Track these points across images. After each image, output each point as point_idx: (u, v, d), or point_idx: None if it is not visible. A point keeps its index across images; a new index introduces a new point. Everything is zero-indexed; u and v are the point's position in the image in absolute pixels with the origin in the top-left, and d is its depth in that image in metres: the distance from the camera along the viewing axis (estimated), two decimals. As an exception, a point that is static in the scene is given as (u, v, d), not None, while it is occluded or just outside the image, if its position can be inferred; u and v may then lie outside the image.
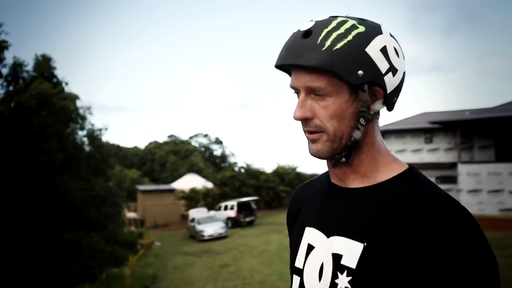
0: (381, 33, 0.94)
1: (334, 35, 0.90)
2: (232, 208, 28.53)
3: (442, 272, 0.81)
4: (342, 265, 0.92)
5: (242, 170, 40.18)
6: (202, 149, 74.73)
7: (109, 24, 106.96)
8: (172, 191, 41.09)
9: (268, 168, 53.98)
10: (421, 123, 24.13)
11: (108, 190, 20.11)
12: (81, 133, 19.91)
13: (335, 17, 0.94)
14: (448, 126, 21.47)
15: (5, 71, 16.08)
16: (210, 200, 36.89)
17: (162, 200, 38.50)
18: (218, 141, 75.75)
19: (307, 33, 0.92)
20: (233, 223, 27.73)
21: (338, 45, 0.89)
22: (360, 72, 0.89)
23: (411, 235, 0.85)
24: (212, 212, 29.29)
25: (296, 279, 1.05)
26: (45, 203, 15.92)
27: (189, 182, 43.56)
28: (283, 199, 39.32)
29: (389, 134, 24.51)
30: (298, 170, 42.00)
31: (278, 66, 0.99)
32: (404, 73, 0.97)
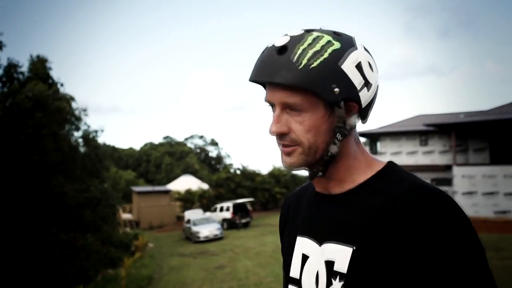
0: (355, 48, 0.95)
1: (310, 52, 0.90)
2: (227, 209, 28.51)
3: (431, 262, 0.82)
4: (334, 271, 0.93)
5: (238, 172, 40.14)
6: (198, 150, 74.61)
7: (105, 25, 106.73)
8: (167, 192, 40.98)
9: (264, 169, 54.00)
10: (416, 125, 24.23)
11: (103, 192, 20.05)
12: (77, 134, 19.86)
13: (310, 32, 0.94)
14: (443, 128, 21.56)
15: None
16: (205, 202, 36.82)
17: (157, 201, 38.37)
18: (214, 143, 75.68)
19: (282, 49, 0.92)
20: (228, 225, 27.70)
21: (315, 63, 0.89)
22: (336, 89, 0.90)
23: (397, 232, 0.85)
24: (208, 214, 29.24)
25: None
26: (40, 204, 15.86)
27: (185, 183, 43.45)
28: (278, 200, 39.28)
29: (385, 136, 24.60)
30: (294, 172, 41.89)
31: (251, 80, 0.98)
32: (377, 86, 0.98)
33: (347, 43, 0.94)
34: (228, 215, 28.16)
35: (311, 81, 0.88)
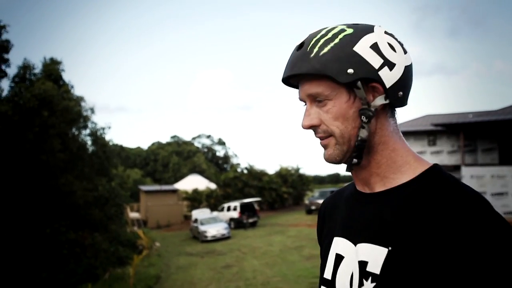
0: (371, 32, 0.95)
1: (322, 41, 0.93)
2: (235, 209, 28.52)
3: (468, 274, 0.79)
4: (367, 271, 0.91)
5: (245, 171, 40.13)
6: (205, 150, 74.79)
7: (111, 24, 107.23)
8: (175, 191, 41.08)
9: (271, 169, 54.01)
10: (424, 125, 24.11)
11: (111, 191, 20.15)
12: (84, 132, 19.97)
13: (327, 27, 0.97)
14: (452, 128, 21.43)
15: (10, 71, 16.21)
16: (213, 201, 36.87)
17: (165, 200, 38.49)
18: (221, 142, 75.82)
19: (300, 46, 0.96)
20: (236, 224, 27.72)
21: (325, 49, 0.92)
22: (350, 70, 0.90)
23: (436, 237, 0.83)
24: (215, 213, 29.27)
25: None
26: (48, 203, 15.97)
27: (192, 182, 43.55)
28: (286, 200, 39.25)
29: (393, 136, 24.44)
30: (301, 171, 41.93)
31: (285, 82, 1.04)
32: (406, 67, 0.96)
33: (362, 29, 0.95)
34: (235, 214, 28.17)
35: (324, 67, 0.91)
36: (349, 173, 1.03)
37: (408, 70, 0.96)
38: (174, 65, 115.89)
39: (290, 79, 1.01)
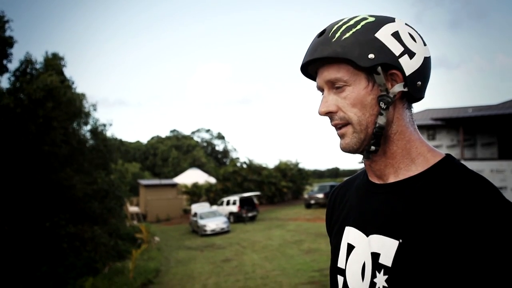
0: (393, 21, 0.96)
1: (344, 27, 0.95)
2: (234, 203, 28.57)
3: (481, 267, 0.78)
4: (379, 263, 0.91)
5: (244, 166, 40.15)
6: (204, 144, 74.81)
7: (112, 19, 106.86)
8: (174, 185, 41.13)
9: (270, 163, 53.93)
10: (424, 119, 24.09)
11: (110, 184, 20.16)
12: (85, 127, 19.97)
13: (348, 16, 0.99)
14: (451, 123, 21.42)
15: (11, 66, 16.14)
16: (212, 195, 36.93)
17: (164, 194, 38.55)
18: (220, 136, 75.81)
19: (322, 33, 0.97)
20: (235, 218, 27.79)
21: (347, 34, 0.93)
22: (371, 55, 0.91)
23: (448, 229, 0.83)
24: (215, 207, 29.35)
25: (340, 279, 1.04)
26: (48, 197, 15.97)
27: (192, 177, 43.59)
28: (285, 194, 39.31)
29: (392, 130, 24.42)
30: (300, 166, 41.96)
31: (303, 72, 1.05)
32: (426, 58, 0.96)
33: (384, 18, 0.97)
34: (234, 208, 28.23)
35: (345, 51, 0.92)
36: (348, 168, 1.03)
37: (427, 61, 0.97)
38: (173, 59, 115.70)
39: (309, 67, 1.01)
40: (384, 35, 0.93)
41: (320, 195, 29.44)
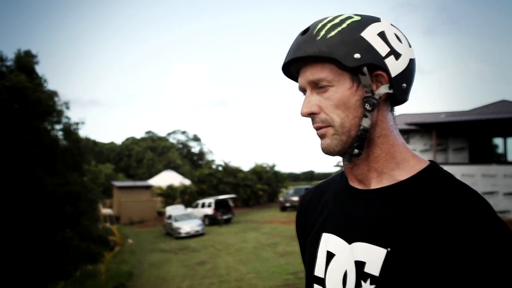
0: (379, 21, 0.94)
1: (329, 25, 0.91)
2: (209, 205, 28.46)
3: (468, 275, 0.78)
4: (365, 272, 0.88)
5: (220, 168, 40.06)
6: (180, 146, 74.36)
7: (86, 16, 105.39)
8: (149, 187, 40.74)
9: (246, 166, 54.03)
10: (398, 124, 24.42)
11: (83, 186, 19.81)
12: (57, 127, 19.58)
13: (332, 15, 0.96)
14: (425, 127, 21.82)
15: None
16: (187, 197, 36.71)
17: (138, 196, 38.13)
18: (196, 138, 75.50)
19: (305, 31, 0.94)
20: (210, 221, 27.66)
21: (333, 33, 0.90)
22: (356, 55, 0.88)
23: (436, 238, 0.81)
24: (189, 210, 29.17)
25: None
26: (18, 199, 15.58)
27: (166, 179, 43.28)
28: (260, 197, 39.35)
29: (367, 134, 24.73)
30: (276, 168, 42.09)
31: (284, 72, 1.01)
32: (411, 60, 0.94)
33: (370, 18, 0.94)
34: (209, 211, 28.11)
35: (331, 50, 0.88)
36: (323, 171, 1.00)
37: (412, 63, 0.95)
38: (149, 59, 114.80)
39: (291, 66, 0.98)
40: (370, 34, 0.90)
41: (295, 198, 29.55)
